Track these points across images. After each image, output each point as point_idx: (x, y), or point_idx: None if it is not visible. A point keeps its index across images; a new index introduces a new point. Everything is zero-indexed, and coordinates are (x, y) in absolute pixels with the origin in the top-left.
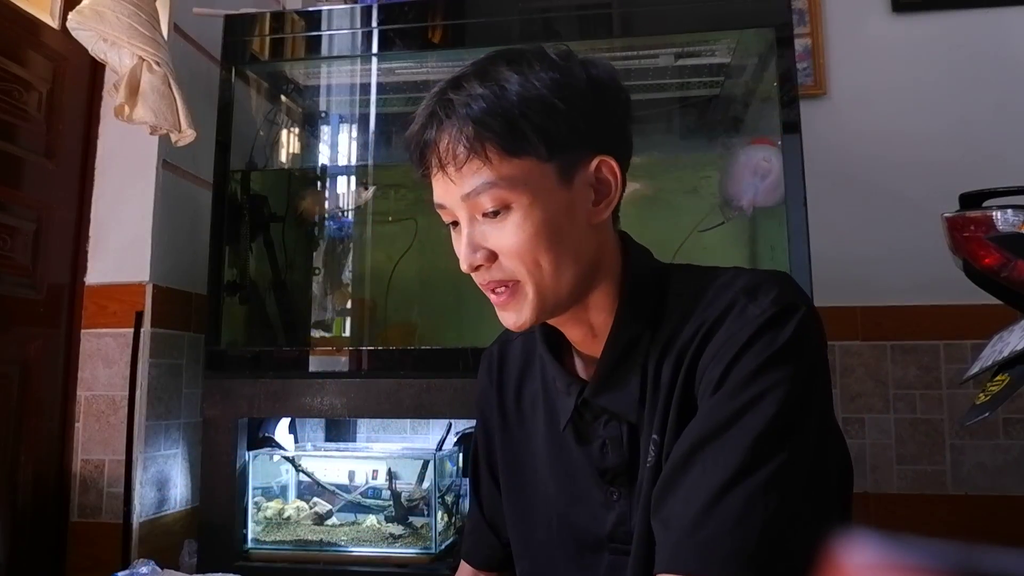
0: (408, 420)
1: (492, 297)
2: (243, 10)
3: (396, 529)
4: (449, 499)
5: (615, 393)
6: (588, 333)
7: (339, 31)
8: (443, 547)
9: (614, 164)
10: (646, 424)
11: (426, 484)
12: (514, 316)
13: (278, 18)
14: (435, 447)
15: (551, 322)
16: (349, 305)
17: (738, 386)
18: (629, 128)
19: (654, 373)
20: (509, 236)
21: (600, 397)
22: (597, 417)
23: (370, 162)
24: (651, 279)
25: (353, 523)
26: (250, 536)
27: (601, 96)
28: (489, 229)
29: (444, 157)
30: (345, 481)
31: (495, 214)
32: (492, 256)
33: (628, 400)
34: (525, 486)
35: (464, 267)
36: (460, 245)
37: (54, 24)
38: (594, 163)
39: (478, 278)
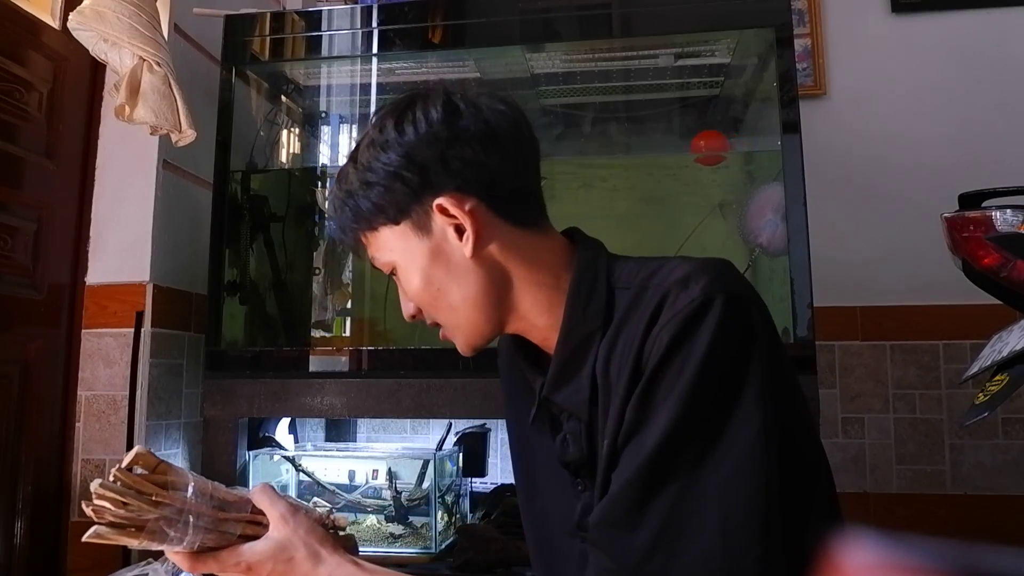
0: (408, 420)
1: (440, 336)
2: (243, 10)
3: (396, 529)
4: (449, 499)
5: (567, 391)
6: (540, 336)
7: (339, 31)
8: (443, 547)
9: (450, 199)
10: (600, 422)
11: (426, 484)
12: (458, 347)
13: (278, 18)
14: (435, 447)
15: (509, 332)
16: (349, 305)
17: (672, 389)
18: (470, 151)
19: (603, 371)
20: (408, 292)
21: (555, 395)
22: (560, 412)
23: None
24: (596, 275)
25: (353, 523)
26: None
27: (411, 153)
28: (402, 288)
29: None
30: (345, 481)
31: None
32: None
33: (580, 398)
34: (524, 470)
35: (405, 317)
36: None
37: (55, 24)
38: (435, 207)
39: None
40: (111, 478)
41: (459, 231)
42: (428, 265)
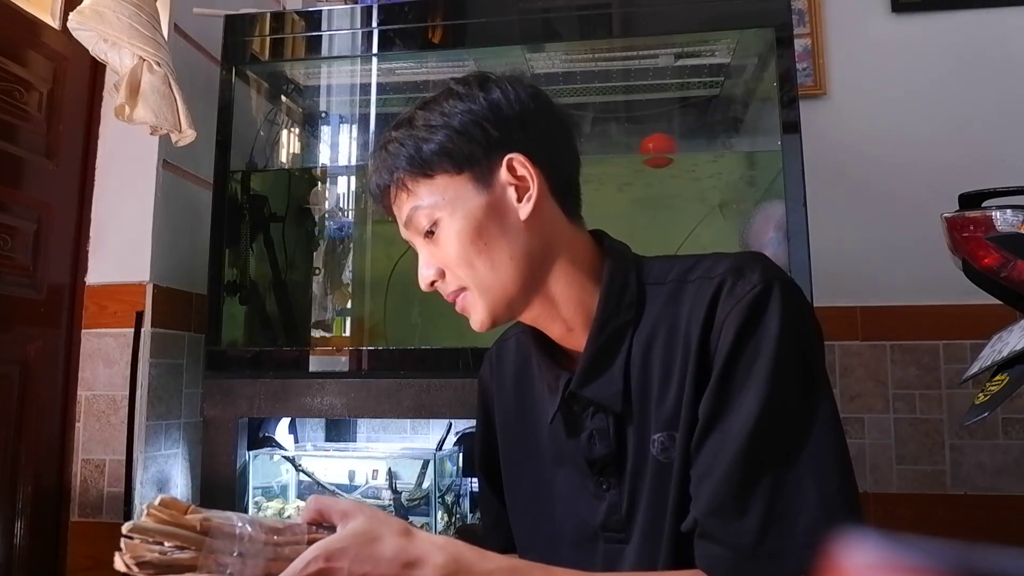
0: (408, 420)
1: (456, 307)
2: (243, 10)
3: None
4: (449, 499)
5: (599, 384)
6: (564, 328)
7: (339, 31)
8: None
9: (524, 159)
10: (636, 415)
11: (426, 484)
12: (473, 318)
13: (278, 18)
14: (435, 447)
15: (527, 322)
16: (349, 305)
17: (750, 372)
18: (545, 126)
19: (640, 364)
20: (444, 248)
21: (584, 388)
22: (585, 409)
23: (370, 162)
24: (628, 270)
25: None
26: None
27: (497, 109)
28: (432, 248)
29: (384, 200)
30: (345, 481)
31: (431, 233)
32: (441, 272)
33: (612, 390)
34: (529, 480)
35: (422, 286)
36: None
37: (55, 24)
38: (504, 162)
39: (442, 292)
40: (143, 516)
41: (519, 193)
42: (483, 217)
